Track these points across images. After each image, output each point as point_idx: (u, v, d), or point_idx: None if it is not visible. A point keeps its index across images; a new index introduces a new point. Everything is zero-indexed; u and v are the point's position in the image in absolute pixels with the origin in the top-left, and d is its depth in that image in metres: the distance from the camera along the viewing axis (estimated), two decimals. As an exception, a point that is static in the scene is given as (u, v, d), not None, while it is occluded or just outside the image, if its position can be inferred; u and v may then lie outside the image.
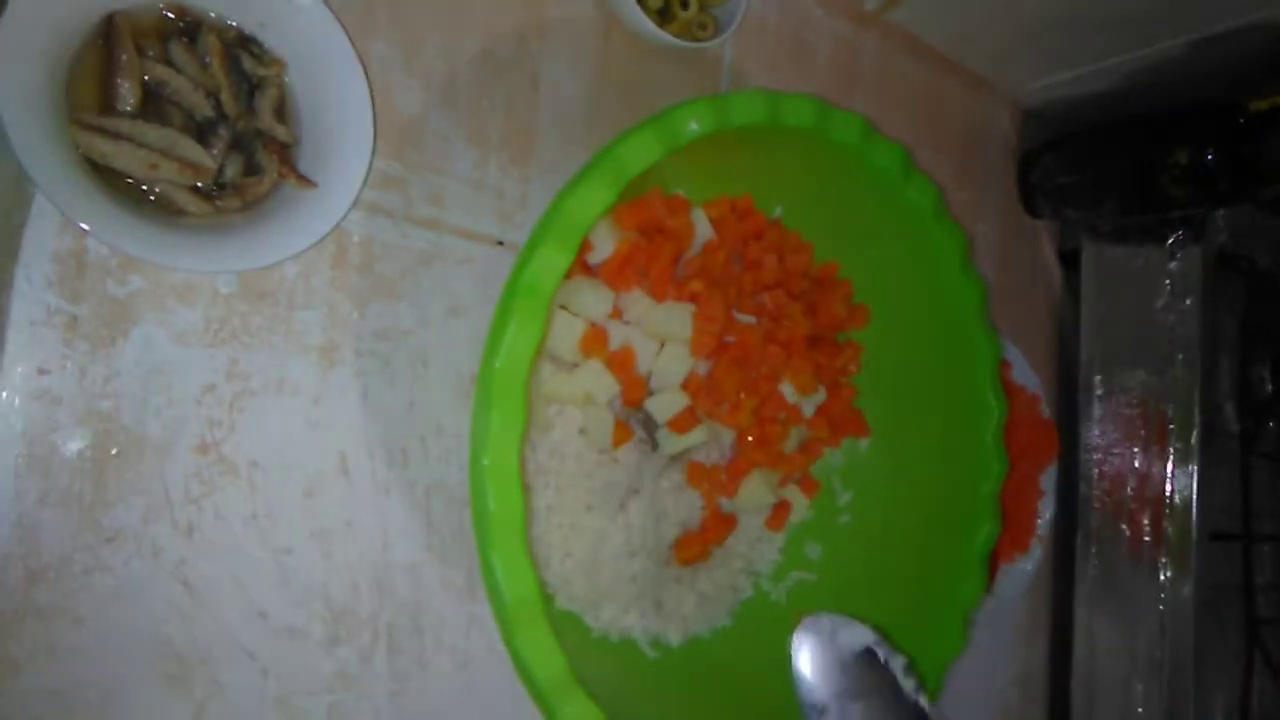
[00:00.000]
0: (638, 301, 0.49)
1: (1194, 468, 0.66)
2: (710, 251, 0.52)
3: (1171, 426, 0.66)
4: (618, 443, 0.49)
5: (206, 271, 0.41)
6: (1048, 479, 0.70)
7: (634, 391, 0.50)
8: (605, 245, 0.48)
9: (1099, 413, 0.69)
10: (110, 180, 0.38)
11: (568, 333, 0.47)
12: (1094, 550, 0.67)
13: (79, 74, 0.38)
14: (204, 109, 0.40)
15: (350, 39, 0.42)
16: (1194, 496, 0.65)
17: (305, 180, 0.41)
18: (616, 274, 0.49)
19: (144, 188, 0.39)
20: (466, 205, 0.48)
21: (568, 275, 0.44)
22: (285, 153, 0.42)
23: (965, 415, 0.54)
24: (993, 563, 0.58)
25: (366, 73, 0.43)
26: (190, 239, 0.39)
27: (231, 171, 0.41)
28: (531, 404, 0.43)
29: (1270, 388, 0.76)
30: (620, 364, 0.49)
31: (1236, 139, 0.57)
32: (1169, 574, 0.65)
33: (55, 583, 0.38)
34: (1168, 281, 0.66)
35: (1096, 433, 0.68)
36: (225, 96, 0.41)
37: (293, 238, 0.41)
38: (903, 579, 0.55)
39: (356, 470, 0.45)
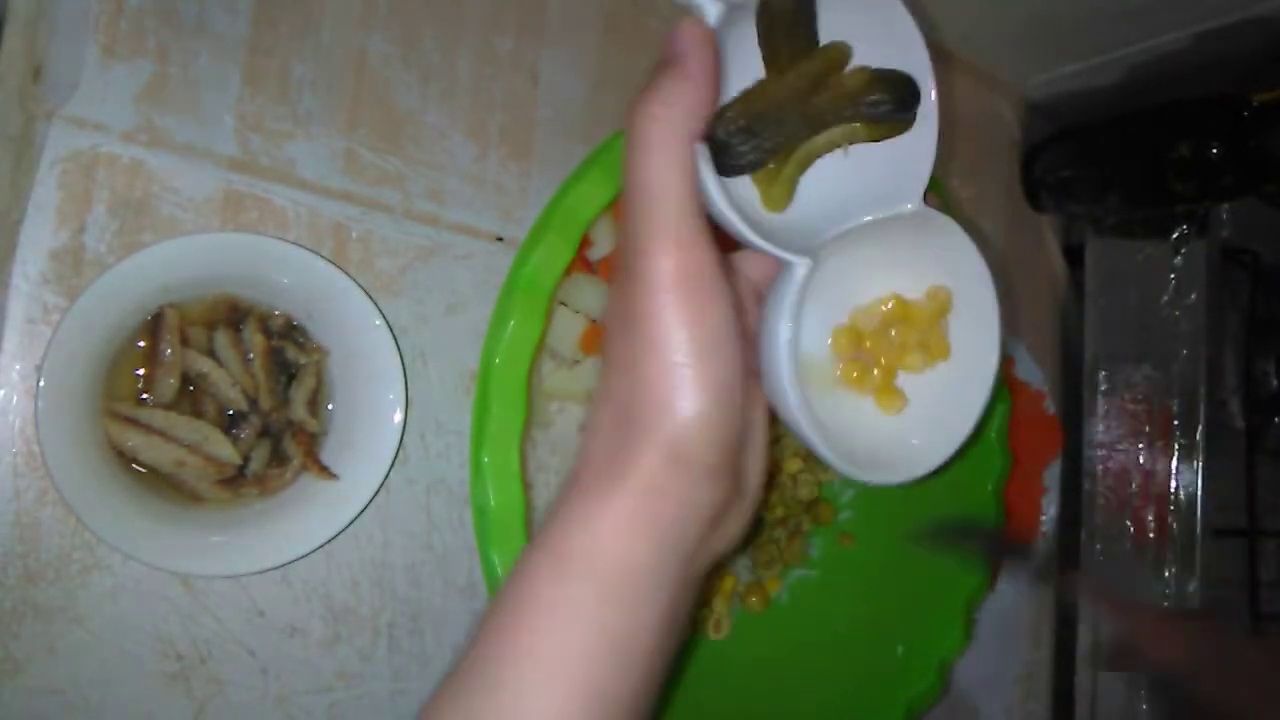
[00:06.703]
0: (639, 298, 0.49)
1: (1199, 464, 0.65)
2: (712, 247, 0.52)
3: (1176, 422, 0.66)
4: (619, 440, 0.49)
5: (222, 576, 0.41)
6: (1051, 476, 0.70)
7: (635, 388, 0.49)
8: (606, 242, 0.48)
9: (1103, 409, 0.68)
10: (132, 466, 0.39)
11: (568, 329, 0.47)
12: (1098, 547, 0.67)
13: (120, 363, 0.39)
14: (239, 405, 0.40)
15: (395, 337, 0.42)
16: (1198, 493, 0.65)
17: (327, 473, 0.41)
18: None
19: (166, 474, 0.39)
20: (466, 201, 0.48)
21: (568, 272, 0.44)
22: (312, 442, 0.42)
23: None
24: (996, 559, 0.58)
25: (404, 367, 0.42)
26: (204, 541, 0.39)
27: (256, 463, 0.41)
28: (532, 400, 0.43)
29: (1275, 383, 0.75)
30: (621, 361, 0.48)
31: (1241, 132, 0.56)
32: (1173, 570, 0.64)
33: (54, 581, 0.38)
34: (1172, 276, 0.66)
35: (1101, 429, 0.68)
36: (262, 395, 0.41)
37: (311, 529, 0.41)
38: (905, 576, 0.55)
39: (356, 468, 0.45)
